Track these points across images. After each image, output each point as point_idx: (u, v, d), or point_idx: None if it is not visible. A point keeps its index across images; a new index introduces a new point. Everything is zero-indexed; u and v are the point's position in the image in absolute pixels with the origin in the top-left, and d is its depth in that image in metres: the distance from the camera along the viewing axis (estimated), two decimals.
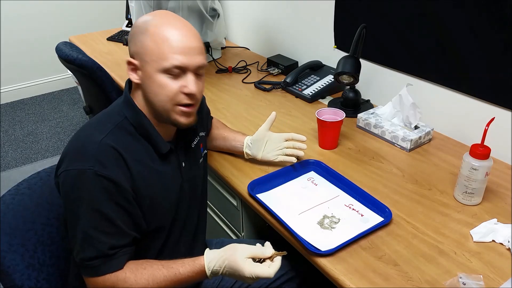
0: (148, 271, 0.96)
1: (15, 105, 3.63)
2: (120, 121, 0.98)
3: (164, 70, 0.94)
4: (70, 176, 0.92)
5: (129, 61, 0.98)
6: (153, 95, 0.97)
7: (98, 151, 0.93)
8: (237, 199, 1.39)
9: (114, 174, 0.92)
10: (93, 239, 0.92)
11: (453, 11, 1.37)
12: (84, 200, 0.92)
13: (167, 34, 0.94)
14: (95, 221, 0.92)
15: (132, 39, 0.98)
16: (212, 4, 2.08)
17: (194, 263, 0.96)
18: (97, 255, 0.93)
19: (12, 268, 0.97)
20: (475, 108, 1.41)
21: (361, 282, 0.95)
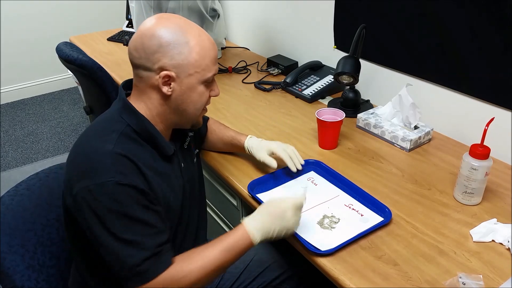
0: (197, 255, 0.95)
1: (15, 105, 3.63)
2: (122, 128, 0.97)
3: (205, 80, 1.00)
4: (92, 192, 0.88)
5: (167, 75, 0.95)
6: (192, 104, 1.01)
7: (113, 162, 0.91)
8: (237, 199, 1.39)
9: (134, 180, 0.91)
10: (135, 244, 0.90)
11: (453, 11, 1.37)
12: (113, 211, 0.89)
13: (207, 45, 0.98)
14: (131, 227, 0.90)
15: (163, 51, 0.94)
16: (212, 4, 2.08)
17: (237, 229, 0.99)
18: (145, 257, 0.90)
19: (12, 269, 0.97)
20: (475, 108, 1.41)
21: (361, 282, 0.95)
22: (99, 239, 0.90)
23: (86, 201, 0.89)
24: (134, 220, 0.90)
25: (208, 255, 0.95)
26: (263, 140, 1.30)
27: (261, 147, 1.27)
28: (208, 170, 1.53)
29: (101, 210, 0.89)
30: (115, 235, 0.89)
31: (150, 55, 0.94)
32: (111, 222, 0.89)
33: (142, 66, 0.96)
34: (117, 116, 0.99)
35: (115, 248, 0.89)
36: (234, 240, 0.97)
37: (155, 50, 0.94)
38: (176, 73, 0.95)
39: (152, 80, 0.97)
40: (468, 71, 1.39)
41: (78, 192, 0.90)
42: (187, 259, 0.95)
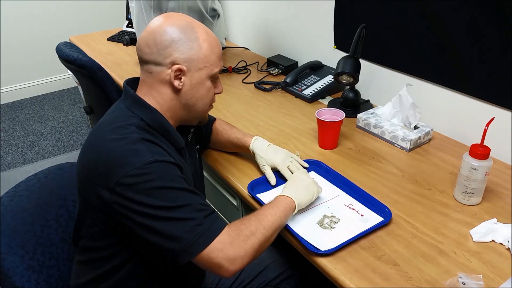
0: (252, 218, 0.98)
1: (15, 105, 3.63)
2: (137, 122, 0.97)
3: (212, 75, 1.03)
4: (136, 175, 0.88)
5: (179, 68, 0.98)
6: (200, 99, 1.04)
7: (146, 146, 0.92)
8: (237, 199, 1.39)
9: (169, 158, 0.94)
10: (190, 207, 0.90)
11: (453, 11, 1.37)
12: (159, 187, 0.89)
13: (214, 41, 1.02)
14: (180, 196, 0.90)
15: (175, 45, 0.97)
16: (212, 4, 2.09)
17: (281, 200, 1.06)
18: (206, 215, 0.91)
19: (12, 270, 0.96)
20: (475, 108, 1.41)
21: (360, 282, 0.95)
22: (152, 219, 0.88)
23: (132, 186, 0.87)
24: (180, 190, 0.91)
25: (257, 212, 1.00)
26: (269, 147, 1.28)
27: (265, 161, 1.27)
28: (208, 170, 1.53)
29: (149, 189, 0.88)
30: (168, 207, 0.88)
31: (162, 50, 0.97)
32: (160, 197, 0.88)
33: (152, 61, 0.99)
34: (128, 112, 1.00)
35: (173, 218, 0.88)
36: (274, 201, 1.06)
37: (167, 45, 0.97)
38: (187, 67, 0.99)
39: (163, 75, 0.99)
40: (468, 71, 1.39)
41: (118, 182, 0.88)
42: (239, 219, 0.98)
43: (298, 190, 1.10)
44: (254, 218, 0.98)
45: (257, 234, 0.94)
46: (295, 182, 1.14)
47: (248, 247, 0.92)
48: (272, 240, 1.00)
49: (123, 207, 0.89)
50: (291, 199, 1.06)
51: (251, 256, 0.93)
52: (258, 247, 0.94)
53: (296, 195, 1.08)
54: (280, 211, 1.02)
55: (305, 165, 1.29)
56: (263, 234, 0.95)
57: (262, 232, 0.95)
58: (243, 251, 0.91)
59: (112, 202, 0.89)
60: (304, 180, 1.14)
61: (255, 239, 0.94)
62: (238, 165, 1.36)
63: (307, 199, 1.10)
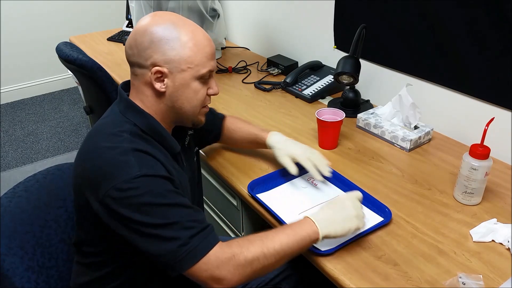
0: (255, 236, 0.91)
1: (15, 105, 3.63)
2: (130, 129, 0.95)
3: (200, 76, 0.97)
4: (123, 189, 0.86)
5: (159, 70, 0.93)
6: (186, 101, 0.99)
7: (136, 158, 0.89)
8: (237, 199, 1.39)
9: (160, 171, 0.91)
10: (177, 225, 0.87)
11: (453, 11, 1.37)
12: (147, 203, 0.86)
13: (201, 41, 0.96)
14: (168, 212, 0.87)
15: (155, 47, 0.93)
16: (212, 4, 2.08)
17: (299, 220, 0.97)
18: (191, 235, 0.86)
19: (11, 271, 0.96)
20: (475, 108, 1.41)
21: (361, 282, 0.95)
22: (137, 234, 0.87)
23: (117, 200, 0.86)
24: (169, 206, 0.88)
25: (268, 236, 0.91)
26: (288, 140, 1.24)
27: (284, 152, 1.22)
28: (208, 170, 1.53)
29: (135, 205, 0.86)
30: (154, 224, 0.86)
31: (142, 51, 0.94)
32: (147, 213, 0.86)
33: (136, 63, 0.96)
34: (121, 117, 0.98)
35: (158, 236, 0.86)
36: (296, 225, 0.95)
37: (147, 46, 0.93)
38: (169, 68, 0.94)
39: (146, 77, 0.96)
40: (468, 71, 1.39)
41: (106, 194, 0.87)
42: (243, 239, 0.91)
43: (333, 221, 0.97)
44: (257, 242, 0.90)
45: (254, 264, 0.88)
46: (335, 208, 1.00)
47: (239, 273, 0.87)
48: (276, 267, 0.92)
49: (110, 220, 0.89)
50: (316, 229, 0.94)
51: (239, 281, 0.87)
52: (252, 275, 0.88)
53: (325, 226, 0.95)
54: (294, 240, 0.92)
55: (327, 162, 1.21)
56: (261, 263, 0.88)
57: (260, 261, 0.88)
58: (229, 275, 0.86)
59: (100, 212, 0.89)
60: (346, 209, 0.99)
61: (250, 267, 0.87)
62: (238, 165, 1.36)
63: (338, 233, 0.96)
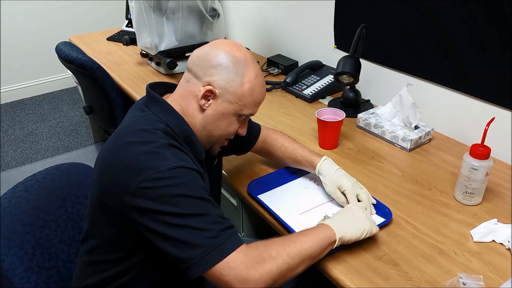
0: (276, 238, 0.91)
1: (15, 105, 3.63)
2: (163, 127, 0.96)
3: (240, 114, 1.01)
4: (159, 178, 0.86)
5: (211, 90, 0.97)
6: (217, 129, 1.02)
7: (172, 151, 0.91)
8: (237, 199, 1.39)
9: (194, 165, 0.93)
10: (207, 217, 0.86)
11: (453, 11, 1.37)
12: (179, 194, 0.86)
13: (258, 88, 1.01)
14: (199, 205, 0.87)
15: (220, 70, 0.97)
16: (212, 4, 2.08)
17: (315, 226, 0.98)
18: (221, 228, 0.86)
19: (11, 272, 0.96)
20: (475, 108, 1.41)
21: (361, 282, 0.95)
22: (166, 225, 0.85)
23: (151, 190, 0.86)
24: (201, 199, 0.88)
25: (288, 238, 0.92)
26: (338, 170, 1.18)
27: (334, 182, 1.17)
28: None
29: (168, 195, 0.85)
30: (185, 214, 0.85)
31: (206, 67, 0.98)
32: (178, 204, 0.85)
33: (195, 73, 0.99)
34: (154, 116, 0.99)
35: (187, 226, 0.85)
36: (313, 229, 0.96)
37: (213, 66, 0.97)
38: (220, 93, 0.98)
39: (195, 89, 0.99)
40: (469, 71, 1.39)
41: (140, 185, 0.85)
42: (264, 241, 0.91)
43: (347, 223, 0.99)
44: (279, 241, 0.90)
45: (278, 260, 0.86)
46: (346, 213, 1.04)
47: (265, 271, 0.84)
48: (299, 271, 0.90)
49: (140, 211, 0.87)
50: (332, 230, 0.95)
51: (266, 282, 0.84)
52: (277, 275, 0.86)
53: (340, 227, 0.97)
54: (313, 240, 0.92)
55: (373, 202, 1.17)
56: (285, 262, 0.87)
57: (284, 259, 0.87)
58: (257, 274, 0.84)
59: (131, 205, 0.87)
60: (356, 213, 1.03)
61: (274, 264, 0.86)
62: (238, 165, 1.36)
63: (353, 235, 0.98)
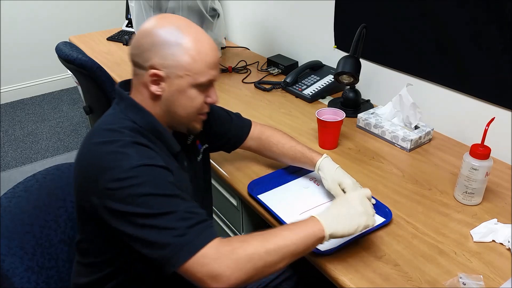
0: (257, 233, 0.88)
1: (15, 105, 3.63)
2: (130, 125, 0.95)
3: (198, 84, 0.95)
4: (121, 179, 0.85)
5: (155, 73, 0.92)
6: (181, 108, 0.97)
7: (136, 150, 0.89)
8: (237, 199, 1.39)
9: (161, 162, 0.90)
10: (175, 215, 0.85)
11: (453, 11, 1.37)
12: (146, 194, 0.85)
13: (203, 49, 0.94)
14: (167, 203, 0.86)
15: (155, 50, 0.92)
16: (212, 4, 2.08)
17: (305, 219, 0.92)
18: (189, 225, 0.84)
19: (11, 272, 0.96)
20: (475, 108, 1.41)
21: (361, 282, 0.95)
22: (132, 226, 0.85)
23: (115, 191, 0.85)
24: (167, 196, 0.86)
25: (271, 232, 0.89)
26: (339, 169, 1.18)
27: (335, 179, 1.16)
28: None
29: (132, 196, 0.84)
30: (150, 214, 0.84)
31: (142, 52, 0.93)
32: (144, 204, 0.84)
33: (137, 63, 0.96)
34: (122, 115, 0.98)
35: (153, 226, 0.84)
36: (301, 223, 0.91)
37: (148, 48, 0.92)
38: (166, 73, 0.93)
39: (143, 78, 0.95)
40: (469, 71, 1.39)
41: (104, 186, 0.86)
42: (244, 235, 0.90)
43: (339, 217, 0.93)
44: (259, 237, 0.87)
45: (254, 258, 0.84)
46: (341, 206, 0.96)
47: (238, 268, 0.82)
48: (279, 267, 0.87)
49: (109, 212, 0.87)
50: (321, 226, 0.90)
51: (239, 278, 0.82)
52: (252, 271, 0.83)
53: (331, 223, 0.91)
54: (298, 236, 0.88)
55: (373, 202, 1.10)
56: (262, 259, 0.84)
57: (261, 256, 0.84)
58: (229, 271, 0.82)
59: (101, 207, 0.88)
60: (352, 207, 0.95)
61: (250, 262, 0.83)
62: (238, 165, 1.36)
63: (345, 231, 0.92)
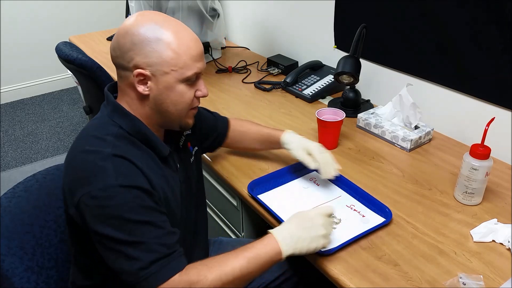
0: (216, 261, 0.90)
1: (15, 105, 3.63)
2: (116, 131, 0.94)
3: (185, 79, 0.93)
4: (96, 197, 0.86)
5: (140, 73, 0.90)
6: (172, 105, 0.95)
7: (114, 165, 0.88)
8: (237, 199, 1.39)
9: (137, 181, 0.89)
10: (141, 246, 0.86)
11: (453, 11, 1.37)
12: (117, 216, 0.85)
13: (185, 42, 0.92)
14: (136, 230, 0.86)
15: (137, 48, 0.90)
16: (212, 4, 2.08)
17: (263, 238, 0.94)
18: (153, 260, 0.86)
19: (11, 272, 0.96)
20: (475, 108, 1.41)
21: (361, 282, 0.95)
22: (102, 246, 0.87)
23: (89, 207, 0.86)
24: (140, 223, 0.87)
25: (228, 262, 0.90)
26: (303, 138, 1.25)
27: (300, 145, 1.23)
28: (208, 170, 1.53)
29: (104, 216, 0.86)
30: (119, 240, 0.85)
31: (124, 53, 0.91)
32: (115, 227, 0.85)
33: (120, 65, 0.94)
34: (108, 120, 0.96)
35: (121, 252, 0.86)
36: (259, 247, 0.92)
37: (129, 48, 0.90)
38: (151, 71, 0.91)
39: (129, 80, 0.93)
40: (469, 71, 1.39)
41: (80, 200, 0.87)
42: (203, 265, 0.90)
43: (298, 241, 0.94)
44: (217, 269, 0.89)
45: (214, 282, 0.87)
46: (304, 225, 0.96)
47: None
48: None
49: (83, 223, 0.89)
50: (279, 250, 0.92)
51: None
52: None
53: (290, 245, 0.93)
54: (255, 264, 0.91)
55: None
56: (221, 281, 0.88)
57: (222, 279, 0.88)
58: None
59: (76, 217, 0.90)
60: (315, 228, 0.95)
61: None
62: (238, 165, 1.36)
63: (302, 252, 0.94)
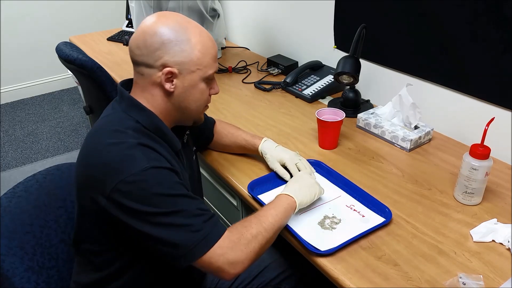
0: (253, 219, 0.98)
1: (15, 105, 3.63)
2: (133, 125, 0.96)
3: (206, 77, 1.01)
4: (133, 182, 0.87)
5: (169, 71, 0.96)
6: (193, 101, 1.03)
7: (143, 152, 0.91)
8: (237, 199, 1.39)
9: (167, 164, 0.93)
10: (189, 213, 0.90)
11: (453, 11, 1.37)
12: (156, 194, 0.88)
13: (207, 43, 1.00)
14: (178, 202, 0.90)
15: (165, 48, 0.94)
16: (212, 4, 2.08)
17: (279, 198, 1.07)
18: (205, 220, 0.90)
19: (11, 272, 0.96)
20: (475, 108, 1.41)
21: (361, 282, 0.95)
22: (150, 225, 0.88)
23: (126, 193, 0.87)
24: (177, 196, 0.90)
25: (259, 213, 1.00)
26: (278, 147, 1.29)
27: (274, 157, 1.27)
28: (208, 170, 1.53)
29: (145, 196, 0.87)
30: (165, 212, 0.88)
31: (152, 52, 0.95)
32: (157, 203, 0.87)
33: (144, 63, 0.97)
34: (124, 115, 0.98)
35: (170, 224, 0.88)
36: (277, 201, 1.06)
37: (157, 48, 0.95)
38: (179, 69, 0.96)
39: (154, 77, 0.97)
40: (468, 71, 1.39)
41: (114, 189, 0.87)
42: (240, 221, 0.97)
43: (300, 189, 1.10)
44: (255, 220, 0.98)
45: (258, 237, 0.94)
46: (298, 181, 1.14)
47: (249, 250, 0.92)
48: (272, 241, 1.00)
49: (120, 214, 0.88)
50: (292, 199, 1.06)
51: (252, 259, 0.93)
52: (259, 250, 0.95)
53: (297, 194, 1.07)
54: (281, 212, 1.02)
55: (313, 170, 1.27)
56: (264, 237, 0.96)
57: (263, 235, 0.95)
58: (244, 255, 0.91)
59: (109, 208, 0.89)
60: (306, 179, 1.14)
61: (256, 242, 0.94)
62: (238, 165, 1.36)
63: (308, 199, 1.10)
